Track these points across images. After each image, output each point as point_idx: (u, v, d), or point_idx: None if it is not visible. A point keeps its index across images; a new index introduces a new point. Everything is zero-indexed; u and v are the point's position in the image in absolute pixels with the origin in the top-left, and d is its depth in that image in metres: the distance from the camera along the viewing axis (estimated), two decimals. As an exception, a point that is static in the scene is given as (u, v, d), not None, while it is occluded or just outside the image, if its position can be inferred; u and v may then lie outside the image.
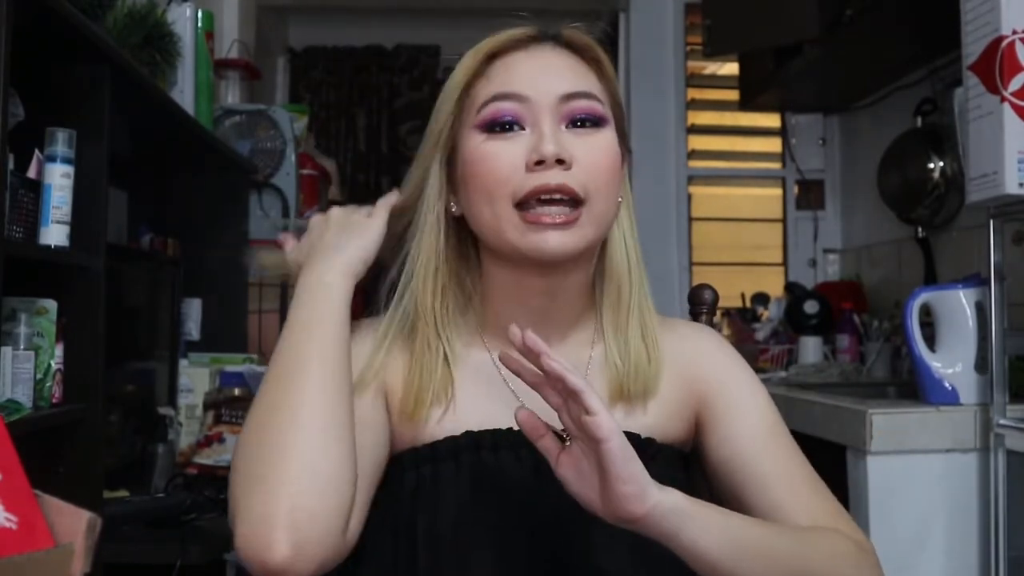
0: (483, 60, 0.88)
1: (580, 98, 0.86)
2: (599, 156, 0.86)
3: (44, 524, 0.52)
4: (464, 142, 0.88)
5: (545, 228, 0.83)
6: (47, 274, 1.48)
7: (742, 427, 0.91)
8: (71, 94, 1.53)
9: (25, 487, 0.53)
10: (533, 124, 0.85)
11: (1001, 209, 1.58)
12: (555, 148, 0.83)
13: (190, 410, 2.25)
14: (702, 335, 0.98)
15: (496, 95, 0.86)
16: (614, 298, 0.92)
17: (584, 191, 0.84)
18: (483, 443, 0.86)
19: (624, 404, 0.90)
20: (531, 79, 0.86)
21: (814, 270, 3.26)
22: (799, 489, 0.90)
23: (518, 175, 0.84)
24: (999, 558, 1.55)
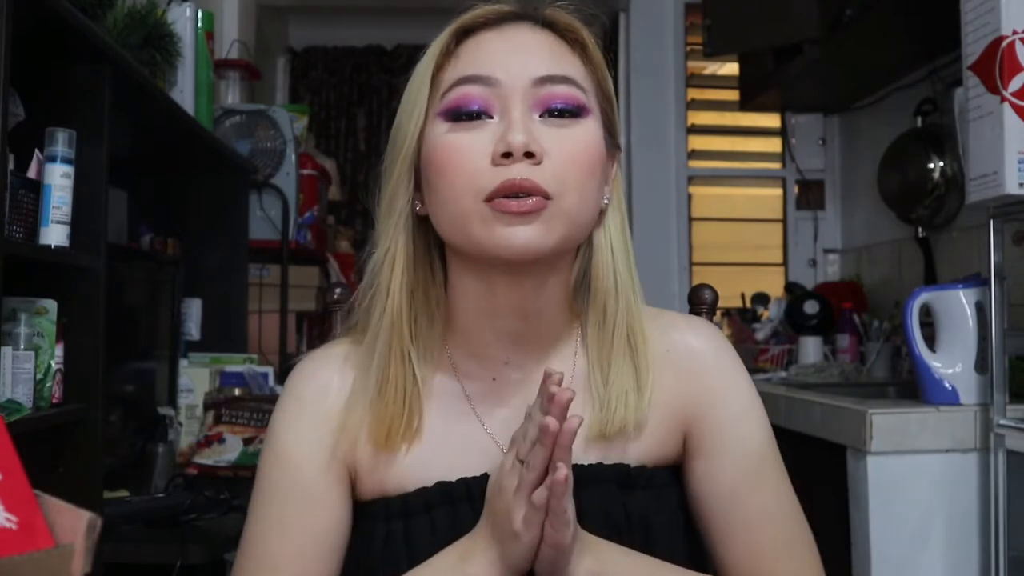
0: (452, 38, 0.80)
1: (557, 83, 0.77)
2: (574, 149, 0.76)
3: (44, 524, 0.52)
4: (427, 132, 0.78)
5: (512, 221, 0.73)
6: (47, 274, 1.48)
7: (727, 463, 0.84)
8: (71, 94, 1.53)
9: (25, 487, 0.53)
10: (502, 111, 0.76)
11: (1001, 209, 1.58)
12: (523, 138, 0.73)
13: (190, 410, 2.25)
14: (696, 339, 0.87)
15: (462, 78, 0.77)
16: (599, 315, 0.82)
17: (553, 188, 0.74)
18: (457, 496, 0.80)
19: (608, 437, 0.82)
20: (502, 60, 0.77)
21: (814, 270, 3.26)
22: (765, 552, 0.83)
23: (484, 170, 0.74)
24: (999, 558, 1.55)
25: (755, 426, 0.86)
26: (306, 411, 0.83)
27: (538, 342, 0.83)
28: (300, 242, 2.79)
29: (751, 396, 0.87)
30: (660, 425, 0.84)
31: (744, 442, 0.85)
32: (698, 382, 0.85)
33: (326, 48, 4.37)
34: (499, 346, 0.82)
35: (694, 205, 3.40)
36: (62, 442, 1.49)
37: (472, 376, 0.84)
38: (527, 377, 0.83)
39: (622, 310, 0.82)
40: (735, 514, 0.83)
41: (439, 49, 0.79)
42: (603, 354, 0.82)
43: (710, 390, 0.85)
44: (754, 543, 0.83)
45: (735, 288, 3.14)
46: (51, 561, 0.50)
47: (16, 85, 1.38)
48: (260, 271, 2.70)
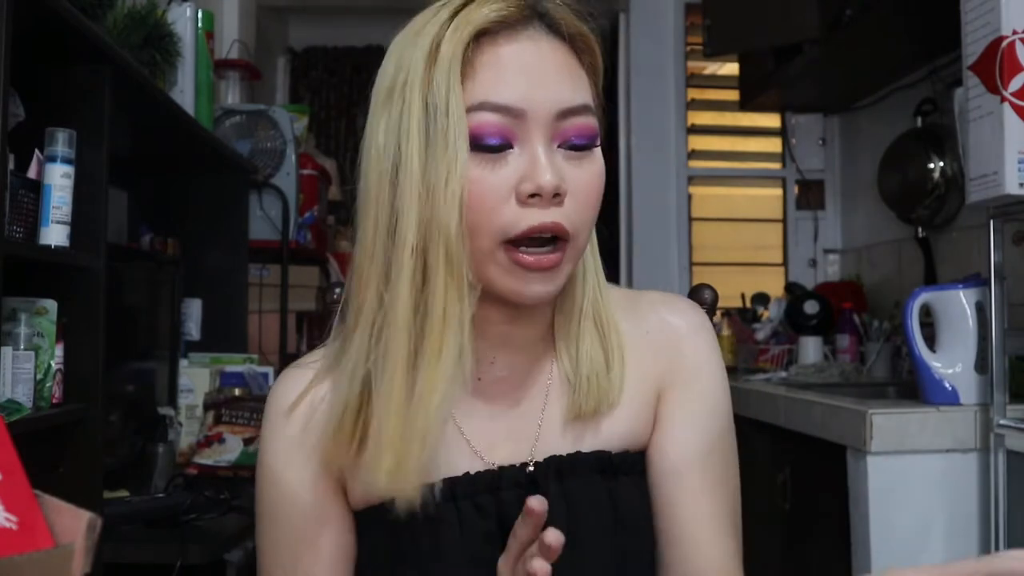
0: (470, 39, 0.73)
1: (578, 114, 0.75)
2: (592, 186, 0.76)
3: (44, 524, 0.52)
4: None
5: (529, 273, 0.73)
6: (47, 274, 1.48)
7: (681, 437, 0.84)
8: (71, 94, 1.54)
9: (25, 487, 0.53)
10: (523, 141, 0.73)
11: (1001, 209, 1.58)
12: (553, 179, 0.72)
13: (190, 410, 2.25)
14: (674, 316, 0.87)
15: (484, 103, 0.72)
16: (566, 305, 0.83)
17: (573, 229, 0.74)
18: (440, 496, 0.78)
19: (584, 421, 0.82)
20: (525, 88, 0.73)
21: (814, 270, 3.27)
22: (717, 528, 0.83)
23: (508, 208, 0.72)
24: (999, 558, 1.55)
25: (721, 402, 0.87)
26: (288, 426, 0.82)
27: (523, 341, 0.83)
28: (300, 242, 2.79)
29: (720, 376, 0.88)
30: (640, 406, 0.85)
31: (710, 415, 0.86)
32: (673, 358, 0.86)
33: (326, 48, 4.38)
34: (486, 347, 0.81)
35: (694, 205, 3.40)
36: (62, 442, 1.49)
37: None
38: (511, 375, 0.83)
39: (588, 296, 0.83)
40: (685, 486, 0.83)
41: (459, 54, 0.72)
42: (571, 340, 0.83)
43: (682, 366, 0.86)
44: (699, 516, 0.83)
45: (735, 288, 3.14)
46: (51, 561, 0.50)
47: (16, 85, 1.38)
48: (260, 271, 2.70)
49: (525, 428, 0.82)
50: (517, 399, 0.83)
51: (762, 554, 2.01)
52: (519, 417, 0.83)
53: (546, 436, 0.82)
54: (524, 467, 0.81)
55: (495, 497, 0.79)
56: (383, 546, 0.80)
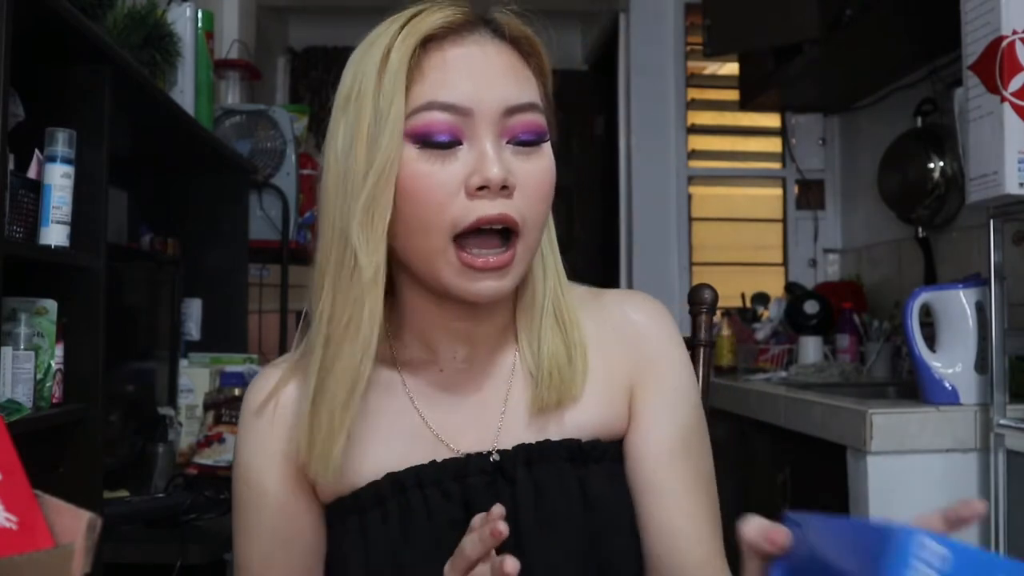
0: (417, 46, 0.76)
1: (525, 111, 0.78)
2: (541, 179, 0.78)
3: (44, 524, 0.52)
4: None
5: (480, 274, 0.76)
6: (47, 274, 1.48)
7: (655, 430, 0.86)
8: (71, 94, 1.53)
9: (25, 487, 0.53)
10: (472, 138, 0.76)
11: (1001, 209, 1.58)
12: (500, 172, 0.74)
13: (190, 410, 2.25)
14: (636, 312, 0.90)
15: (432, 103, 0.75)
16: (528, 300, 0.85)
17: (523, 221, 0.76)
18: (407, 484, 0.81)
19: (548, 412, 0.84)
20: (472, 87, 0.76)
21: (814, 270, 3.27)
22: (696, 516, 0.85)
23: (457, 202, 0.75)
24: (999, 558, 1.55)
25: (690, 395, 0.89)
26: (258, 424, 0.85)
27: (486, 335, 0.85)
28: (300, 242, 2.79)
29: (685, 366, 0.90)
30: (608, 398, 0.86)
31: (679, 409, 0.88)
32: (639, 353, 0.88)
33: (326, 48, 4.37)
34: (447, 342, 0.84)
35: (694, 205, 3.40)
36: (62, 442, 1.49)
37: (417, 369, 0.85)
38: (471, 367, 0.85)
39: (549, 292, 0.85)
40: (664, 482, 0.85)
41: (405, 59, 0.76)
42: (532, 334, 0.85)
43: (649, 361, 0.88)
44: (676, 512, 0.85)
45: (735, 288, 3.14)
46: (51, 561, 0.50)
47: (16, 85, 1.38)
48: (260, 271, 2.70)
49: (489, 417, 0.84)
50: (480, 389, 0.85)
51: (762, 554, 2.00)
52: (482, 406, 0.85)
53: (510, 425, 0.84)
54: (490, 455, 0.82)
55: (461, 484, 0.81)
56: (353, 535, 0.82)
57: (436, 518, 0.80)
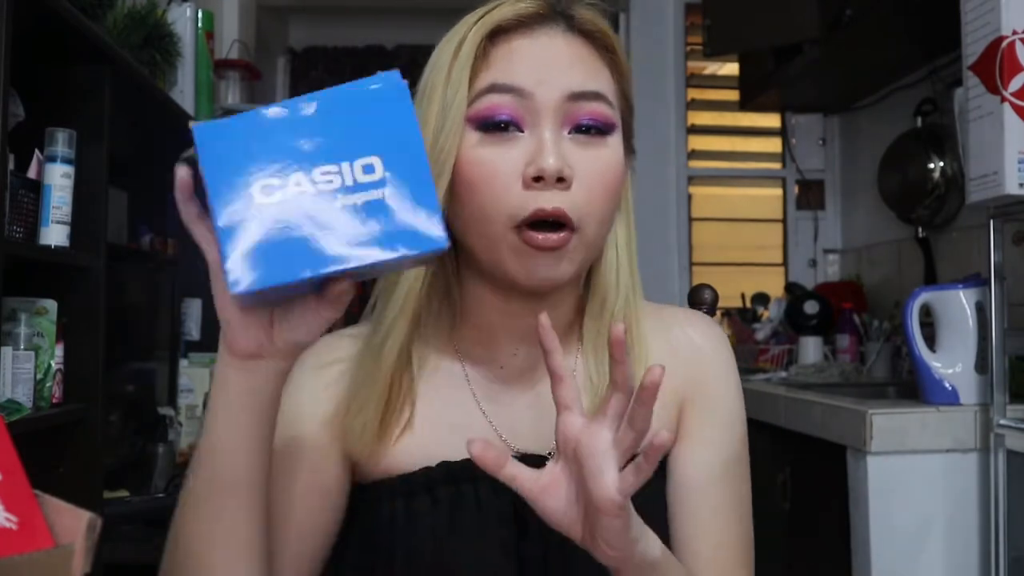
0: (485, 38, 0.77)
1: (589, 99, 0.77)
2: (602, 172, 0.77)
3: (44, 524, 0.52)
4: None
5: (536, 254, 0.75)
6: (47, 274, 1.48)
7: (699, 454, 0.86)
8: (71, 94, 1.54)
9: (25, 487, 0.53)
10: (532, 125, 0.76)
11: (1001, 209, 1.58)
12: (556, 162, 0.73)
13: (190, 410, 2.25)
14: (697, 333, 0.90)
15: (494, 85, 0.76)
16: (597, 309, 0.84)
17: (579, 217, 0.75)
18: (460, 475, 0.80)
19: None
20: (536, 71, 0.76)
21: (814, 270, 3.26)
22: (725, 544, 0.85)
23: (515, 192, 0.74)
24: (999, 558, 1.55)
25: (738, 425, 0.89)
26: (309, 373, 0.85)
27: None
28: (300, 242, 2.79)
29: (739, 395, 0.90)
30: (659, 415, 0.83)
31: (726, 436, 0.88)
32: (694, 374, 0.87)
33: (326, 48, 4.37)
34: (509, 340, 0.84)
35: (694, 205, 3.40)
36: (62, 442, 1.49)
37: (478, 363, 0.85)
38: (533, 367, 0.85)
39: (620, 305, 0.84)
40: (703, 506, 0.85)
41: (472, 50, 0.76)
42: (599, 344, 0.84)
43: (704, 383, 0.88)
44: (712, 537, 0.85)
45: (735, 288, 3.14)
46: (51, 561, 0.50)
47: (16, 85, 1.38)
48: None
49: (546, 419, 0.83)
50: (539, 392, 0.84)
51: (762, 554, 2.01)
52: (541, 408, 0.84)
53: None
54: (544, 457, 0.81)
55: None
56: (398, 517, 0.81)
57: (485, 511, 0.80)
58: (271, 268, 0.55)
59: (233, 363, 0.67)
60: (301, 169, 0.56)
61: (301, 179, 0.56)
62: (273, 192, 0.55)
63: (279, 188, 0.55)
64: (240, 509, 0.70)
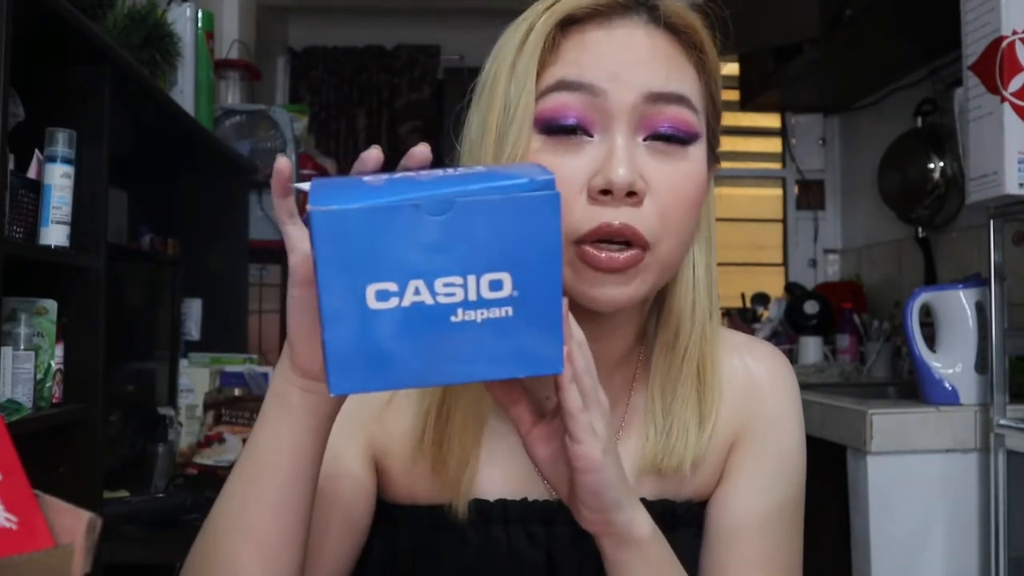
0: (556, 28, 0.68)
1: (669, 102, 0.67)
2: (681, 187, 0.67)
3: (44, 524, 0.52)
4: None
5: (601, 274, 0.66)
6: (47, 274, 1.48)
7: (743, 497, 0.77)
8: (71, 94, 1.53)
9: (25, 487, 0.53)
10: (603, 129, 0.67)
11: (1001, 209, 1.58)
12: (627, 174, 0.64)
13: (190, 410, 2.25)
14: (760, 365, 0.80)
15: (561, 81, 0.67)
16: (670, 339, 0.74)
17: (653, 235, 0.66)
18: (493, 516, 0.74)
19: (658, 474, 0.76)
20: (611, 67, 0.66)
21: (814, 270, 3.26)
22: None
23: (578, 204, 0.66)
24: (999, 558, 1.55)
25: (791, 471, 0.80)
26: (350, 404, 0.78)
27: (606, 359, 0.74)
28: (300, 242, 2.79)
29: (799, 438, 0.81)
30: (714, 459, 0.78)
31: (774, 482, 0.79)
32: (750, 409, 0.79)
33: (326, 48, 4.37)
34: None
35: (694, 205, 3.39)
36: (62, 442, 1.49)
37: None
38: None
39: (696, 335, 0.74)
40: (738, 551, 0.76)
41: (540, 41, 0.67)
42: (668, 380, 0.75)
43: (759, 419, 0.79)
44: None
45: (735, 288, 3.14)
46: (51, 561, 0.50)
47: (16, 85, 1.38)
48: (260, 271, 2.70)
49: None
50: None
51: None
52: None
53: None
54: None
55: (547, 530, 0.75)
56: (424, 550, 0.76)
57: (517, 558, 0.74)
58: (373, 375, 0.52)
59: (296, 380, 0.62)
60: (422, 277, 0.50)
61: (421, 287, 0.51)
62: (388, 298, 0.51)
63: (395, 294, 0.51)
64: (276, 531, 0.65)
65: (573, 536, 0.74)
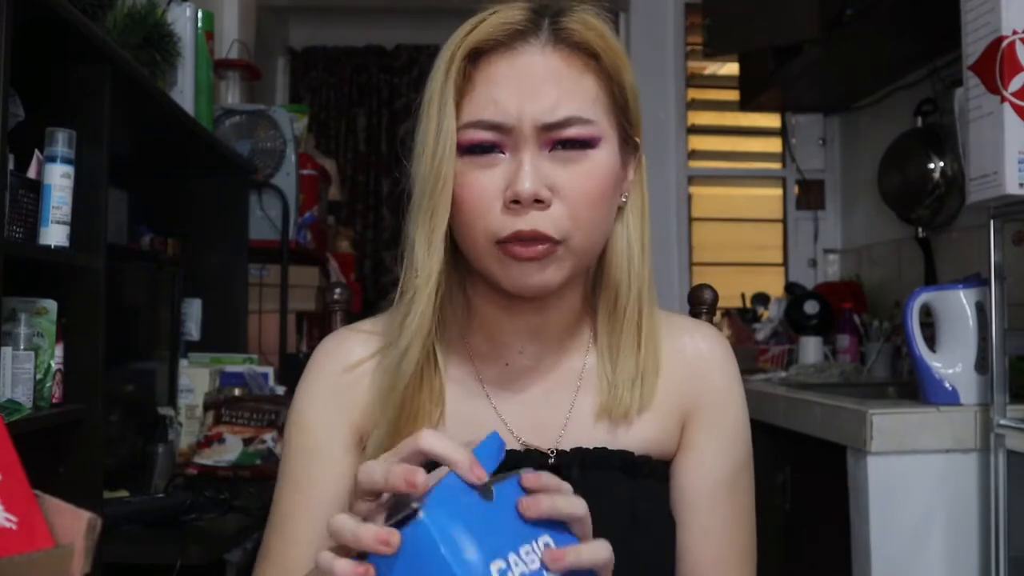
0: (465, 60, 0.79)
1: (564, 127, 0.78)
2: (585, 185, 0.78)
3: (44, 524, 0.52)
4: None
5: (522, 263, 0.78)
6: (47, 274, 1.48)
7: (705, 465, 0.88)
8: (71, 94, 1.53)
9: (25, 487, 0.53)
10: (513, 149, 0.78)
11: (1001, 209, 1.58)
12: (532, 187, 0.76)
13: (190, 410, 2.25)
14: (706, 343, 0.91)
15: (478, 122, 0.78)
16: (610, 305, 0.86)
17: (562, 232, 0.77)
18: None
19: (612, 421, 0.86)
20: (515, 104, 0.77)
21: (814, 270, 3.27)
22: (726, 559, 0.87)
23: (494, 212, 0.78)
24: (999, 558, 1.55)
25: (742, 437, 0.91)
26: (323, 378, 0.88)
27: (553, 333, 0.87)
28: (300, 242, 2.79)
29: (744, 408, 0.92)
30: (664, 418, 0.88)
31: (730, 448, 0.90)
32: (702, 383, 0.89)
33: (326, 48, 4.38)
34: (515, 337, 0.86)
35: (694, 205, 3.40)
36: (62, 442, 1.49)
37: (486, 360, 0.88)
38: (539, 365, 0.87)
39: (633, 300, 0.85)
40: (709, 516, 0.87)
41: (456, 76, 0.79)
42: (612, 341, 0.86)
43: (712, 392, 0.89)
44: (716, 548, 0.87)
45: (735, 288, 3.14)
46: (51, 561, 0.50)
47: (16, 85, 1.38)
48: (260, 271, 2.70)
49: (553, 418, 0.86)
50: (546, 389, 0.87)
51: (762, 554, 2.01)
52: (548, 406, 0.86)
53: (573, 428, 0.86)
54: (548, 455, 0.84)
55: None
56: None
57: None
58: None
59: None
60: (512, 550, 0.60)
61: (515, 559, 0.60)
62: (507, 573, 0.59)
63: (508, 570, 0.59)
64: None
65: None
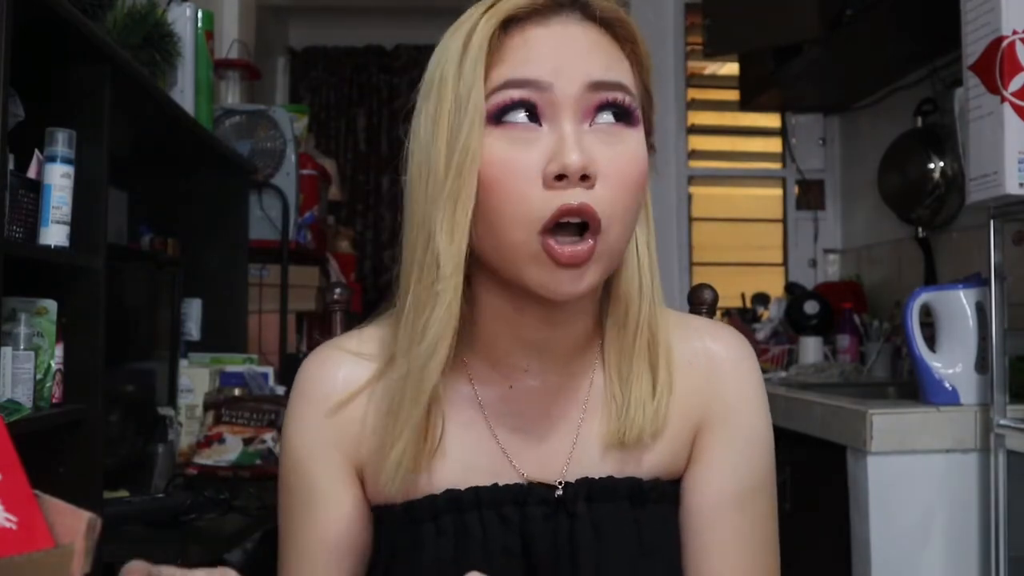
0: (498, 28, 0.72)
1: (611, 89, 0.72)
2: (627, 168, 0.72)
3: (44, 524, 0.52)
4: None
5: (560, 269, 0.69)
6: (47, 274, 1.48)
7: (716, 480, 0.80)
8: (71, 94, 1.53)
9: (25, 487, 0.53)
10: (552, 119, 0.71)
11: (1001, 209, 1.58)
12: (580, 158, 0.68)
13: (190, 410, 2.25)
14: (721, 347, 0.83)
15: (509, 81, 0.70)
16: (621, 318, 0.79)
17: (606, 215, 0.70)
18: (465, 504, 0.77)
19: (622, 446, 0.79)
20: (553, 61, 0.71)
21: (814, 270, 3.26)
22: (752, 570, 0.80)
23: (535, 193, 0.69)
24: (999, 558, 1.55)
25: (760, 449, 0.83)
26: (309, 407, 0.81)
27: (561, 351, 0.79)
28: (300, 242, 2.79)
29: (764, 416, 0.84)
30: (677, 435, 0.81)
31: (744, 460, 0.82)
32: (714, 391, 0.82)
33: (326, 48, 4.38)
34: (521, 354, 0.79)
35: (694, 205, 3.39)
36: (62, 442, 1.49)
37: (487, 383, 0.80)
38: (544, 385, 0.80)
39: (644, 315, 0.79)
40: (716, 532, 0.80)
41: (483, 42, 0.71)
42: (623, 360, 0.79)
43: (724, 401, 0.82)
44: (728, 567, 0.80)
45: (735, 288, 3.14)
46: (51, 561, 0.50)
47: (16, 85, 1.38)
48: (260, 271, 2.70)
49: (559, 444, 0.80)
50: (550, 413, 0.80)
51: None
52: (553, 432, 0.80)
53: (580, 456, 0.79)
54: (554, 487, 0.78)
55: (520, 512, 0.77)
56: (404, 547, 0.78)
57: (491, 544, 0.77)
58: None
59: None
60: None
61: None
62: None
63: None
64: None
65: (546, 515, 0.77)
